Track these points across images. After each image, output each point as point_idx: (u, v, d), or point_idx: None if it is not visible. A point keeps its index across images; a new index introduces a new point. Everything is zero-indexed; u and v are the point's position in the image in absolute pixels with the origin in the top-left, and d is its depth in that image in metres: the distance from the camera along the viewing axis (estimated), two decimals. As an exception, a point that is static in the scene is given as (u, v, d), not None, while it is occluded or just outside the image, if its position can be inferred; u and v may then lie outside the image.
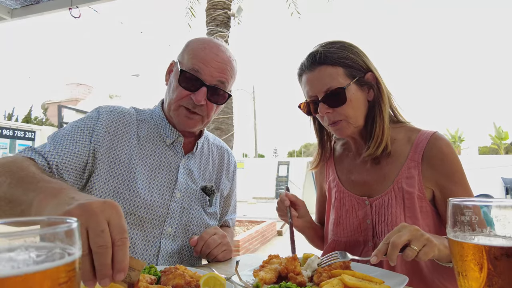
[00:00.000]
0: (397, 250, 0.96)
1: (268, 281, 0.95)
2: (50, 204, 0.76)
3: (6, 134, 8.21)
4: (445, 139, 1.33)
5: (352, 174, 1.46)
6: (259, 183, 21.21)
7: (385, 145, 1.32)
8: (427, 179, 1.29)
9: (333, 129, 1.37)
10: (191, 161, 1.51)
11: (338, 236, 1.43)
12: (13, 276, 0.38)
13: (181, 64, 1.40)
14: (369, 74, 1.34)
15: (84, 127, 1.32)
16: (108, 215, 0.65)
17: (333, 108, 1.30)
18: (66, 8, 2.94)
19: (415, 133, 1.37)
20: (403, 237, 0.97)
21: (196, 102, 1.35)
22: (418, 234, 0.99)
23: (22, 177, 0.95)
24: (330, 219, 1.51)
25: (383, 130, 1.32)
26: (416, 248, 0.96)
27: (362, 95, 1.34)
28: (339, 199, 1.47)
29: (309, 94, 1.36)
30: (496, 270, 0.57)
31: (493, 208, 0.62)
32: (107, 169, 1.30)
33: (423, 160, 1.30)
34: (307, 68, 1.35)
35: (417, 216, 1.27)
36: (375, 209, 1.34)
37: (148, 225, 1.33)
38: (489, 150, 39.58)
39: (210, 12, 7.36)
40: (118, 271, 0.63)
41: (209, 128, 7.10)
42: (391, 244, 0.96)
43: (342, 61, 1.30)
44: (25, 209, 0.84)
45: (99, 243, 0.62)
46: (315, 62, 1.32)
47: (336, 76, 1.29)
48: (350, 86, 1.30)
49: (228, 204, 1.70)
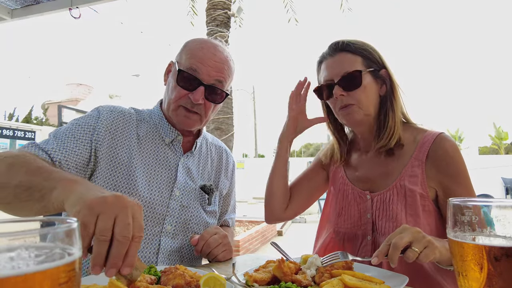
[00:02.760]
0: (398, 251, 0.96)
1: (260, 280, 0.94)
2: (79, 189, 0.80)
3: (6, 134, 8.20)
4: (451, 140, 1.33)
5: (357, 170, 1.49)
6: (259, 183, 21.06)
7: (398, 137, 1.35)
8: (431, 179, 1.29)
9: (343, 113, 1.38)
10: (190, 160, 1.53)
11: (339, 227, 1.45)
12: (13, 276, 0.38)
13: (179, 64, 1.42)
14: (383, 71, 1.39)
15: (85, 126, 1.33)
16: (134, 212, 0.71)
17: (347, 91, 1.34)
18: (66, 9, 2.94)
19: (421, 133, 1.38)
20: (404, 239, 0.97)
21: (194, 101, 1.37)
22: (420, 236, 0.99)
23: (39, 166, 0.99)
24: (331, 209, 1.53)
25: (396, 123, 1.35)
26: (417, 250, 0.96)
27: (375, 87, 1.38)
28: (342, 191, 1.49)
29: (326, 78, 1.40)
30: (496, 270, 0.57)
31: (493, 208, 0.62)
32: (107, 168, 1.32)
33: (428, 159, 1.31)
34: (328, 54, 1.41)
35: (418, 215, 1.27)
36: (376, 204, 1.36)
37: (148, 223, 1.34)
38: (489, 150, 39.58)
39: (210, 12, 7.36)
40: (126, 265, 0.67)
41: (209, 128, 7.10)
42: (393, 246, 0.96)
43: (362, 51, 1.37)
44: (45, 193, 0.87)
45: (124, 233, 0.67)
46: (337, 49, 1.39)
47: (355, 62, 1.35)
48: (366, 73, 1.35)
49: (228, 203, 1.71)
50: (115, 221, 0.68)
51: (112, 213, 0.68)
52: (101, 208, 0.69)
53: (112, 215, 0.68)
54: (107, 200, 0.70)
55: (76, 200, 0.76)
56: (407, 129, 1.42)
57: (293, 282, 0.92)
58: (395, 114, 1.36)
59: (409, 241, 0.97)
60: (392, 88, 1.39)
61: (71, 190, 0.81)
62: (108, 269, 0.66)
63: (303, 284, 0.93)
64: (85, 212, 0.69)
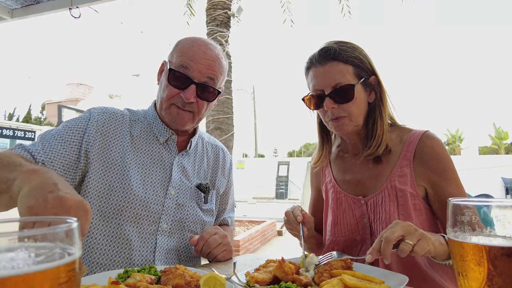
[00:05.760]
0: (390, 245, 0.95)
1: (261, 280, 0.94)
2: (35, 181, 0.81)
3: (6, 134, 8.21)
4: (436, 137, 1.35)
5: (347, 174, 1.48)
6: (259, 183, 21.21)
7: (385, 145, 1.35)
8: (419, 177, 1.31)
9: (333, 125, 1.37)
10: (185, 159, 1.53)
11: (336, 236, 1.44)
12: (13, 276, 0.38)
13: (170, 63, 1.43)
14: (373, 77, 1.37)
15: (74, 128, 1.35)
16: (78, 215, 0.71)
17: (339, 104, 1.31)
18: (66, 8, 2.94)
19: (407, 133, 1.40)
20: (396, 233, 0.97)
21: (186, 99, 1.37)
22: (412, 229, 0.99)
23: (9, 162, 1.01)
24: (328, 220, 1.52)
25: (384, 130, 1.35)
26: (411, 242, 0.96)
27: (364, 96, 1.36)
28: (335, 199, 1.48)
29: (316, 87, 1.36)
30: (496, 270, 0.57)
31: (493, 208, 0.62)
32: (100, 168, 1.33)
33: (415, 158, 1.33)
34: (317, 62, 1.35)
35: (410, 214, 1.28)
36: (371, 207, 1.36)
37: (144, 222, 1.35)
38: (489, 150, 39.58)
39: (210, 12, 7.37)
40: None
41: (209, 128, 7.10)
42: (384, 240, 0.96)
43: (353, 60, 1.33)
44: (10, 185, 0.89)
45: None
46: (327, 57, 1.33)
47: (346, 73, 1.31)
48: (358, 85, 1.32)
49: (225, 202, 1.71)
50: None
51: (52, 214, 0.71)
52: (40, 212, 0.72)
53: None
54: (47, 204, 0.72)
55: (22, 197, 0.78)
56: (393, 130, 1.42)
57: (294, 281, 0.92)
58: (383, 121, 1.36)
59: (401, 235, 0.97)
60: (381, 95, 1.38)
61: (28, 181, 0.83)
62: None
63: (303, 283, 0.93)
64: (25, 216, 0.73)
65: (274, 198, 21.04)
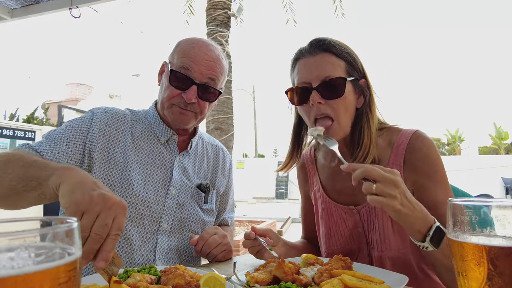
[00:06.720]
0: (362, 169, 0.95)
1: (261, 280, 0.94)
2: (74, 178, 0.85)
3: (6, 134, 8.21)
4: (426, 137, 1.27)
5: (337, 183, 1.41)
6: (259, 183, 21.20)
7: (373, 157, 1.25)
8: (408, 181, 1.23)
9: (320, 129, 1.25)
10: (186, 159, 1.54)
11: (332, 248, 1.39)
12: (13, 276, 0.38)
13: (171, 64, 1.44)
14: (363, 80, 1.30)
15: (78, 128, 1.36)
16: (117, 213, 0.77)
17: (326, 100, 1.20)
18: (66, 8, 2.94)
19: (395, 134, 1.30)
20: (376, 171, 0.95)
21: (187, 100, 1.38)
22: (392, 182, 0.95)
23: (35, 160, 1.05)
24: (320, 231, 1.46)
25: (371, 140, 1.25)
26: (375, 187, 0.94)
27: (353, 98, 1.27)
28: (326, 210, 1.41)
29: (302, 80, 1.24)
30: (496, 270, 0.57)
31: (493, 208, 0.62)
32: (103, 168, 1.34)
33: (405, 163, 1.25)
34: (308, 52, 1.25)
35: None
36: (364, 217, 1.30)
37: (145, 221, 1.36)
38: (489, 150, 39.55)
39: (210, 12, 7.36)
40: (101, 259, 0.73)
41: (209, 128, 7.09)
42: (363, 165, 0.97)
43: (346, 56, 1.25)
44: (42, 181, 0.92)
45: (97, 231, 0.73)
46: (320, 47, 1.24)
47: (338, 67, 1.22)
48: (348, 82, 1.23)
49: (225, 202, 1.72)
50: (96, 220, 0.74)
51: (95, 212, 0.75)
52: (86, 207, 0.75)
53: (94, 214, 0.75)
54: (92, 200, 0.76)
55: (67, 192, 0.82)
56: (381, 133, 1.34)
57: (294, 281, 0.92)
58: (370, 131, 1.25)
59: (378, 178, 0.94)
60: (370, 100, 1.29)
61: (68, 176, 0.87)
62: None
63: (303, 283, 0.93)
64: (72, 209, 0.77)
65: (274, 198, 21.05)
